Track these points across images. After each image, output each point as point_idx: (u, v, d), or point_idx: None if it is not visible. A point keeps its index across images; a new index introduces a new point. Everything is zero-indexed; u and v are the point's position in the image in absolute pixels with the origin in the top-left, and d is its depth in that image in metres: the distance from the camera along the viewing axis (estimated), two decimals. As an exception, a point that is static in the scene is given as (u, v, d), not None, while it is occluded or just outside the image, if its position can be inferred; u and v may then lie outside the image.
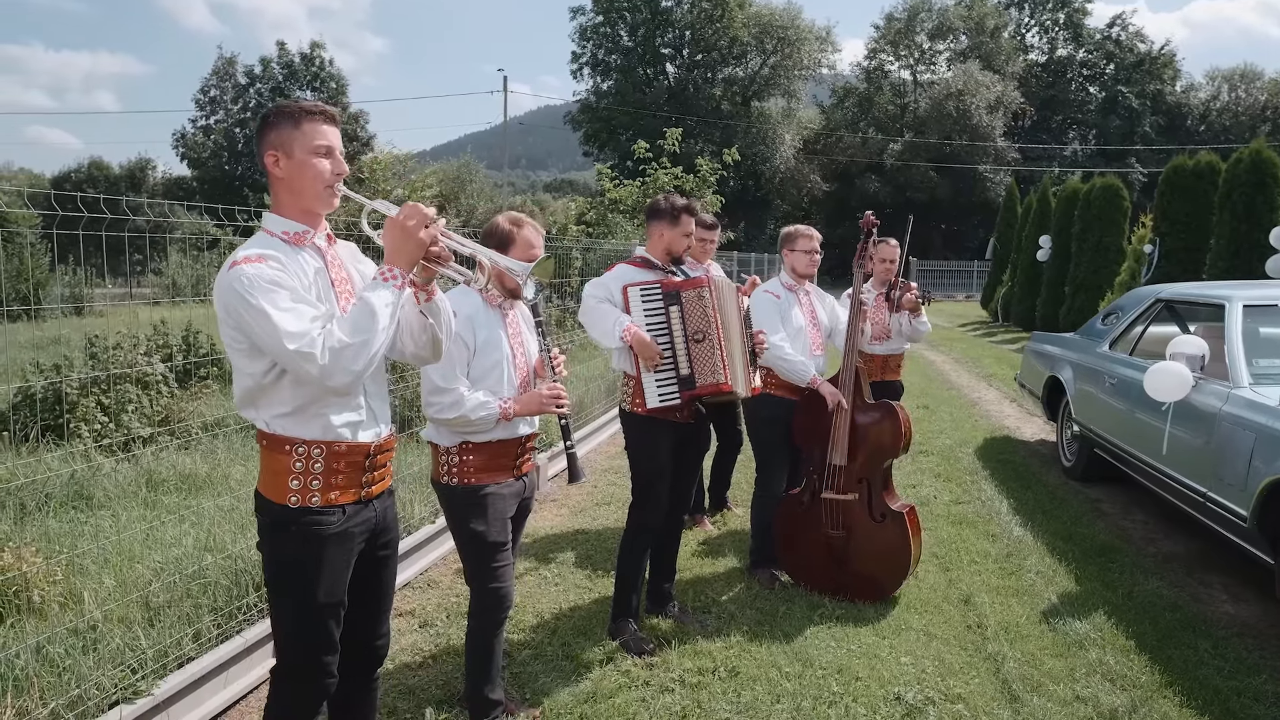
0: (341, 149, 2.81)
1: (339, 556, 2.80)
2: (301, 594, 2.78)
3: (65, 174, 55.80)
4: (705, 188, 23.70)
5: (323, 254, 2.83)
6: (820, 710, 4.07)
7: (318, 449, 2.74)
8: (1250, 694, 4.26)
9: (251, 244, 2.71)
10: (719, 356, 4.46)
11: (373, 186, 15.31)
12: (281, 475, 2.74)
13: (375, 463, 2.89)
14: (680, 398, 4.46)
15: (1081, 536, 6.51)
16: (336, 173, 2.77)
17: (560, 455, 8.40)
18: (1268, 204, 13.10)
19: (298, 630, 2.83)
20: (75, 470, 6.31)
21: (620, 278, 4.65)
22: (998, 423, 11.10)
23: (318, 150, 2.73)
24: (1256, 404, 5.19)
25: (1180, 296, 7.21)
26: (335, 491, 2.78)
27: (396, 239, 2.67)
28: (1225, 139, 50.29)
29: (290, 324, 2.54)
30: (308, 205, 2.78)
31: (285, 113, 2.74)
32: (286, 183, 2.75)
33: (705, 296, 4.52)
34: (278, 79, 57.51)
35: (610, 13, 59.01)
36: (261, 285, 2.55)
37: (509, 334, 3.79)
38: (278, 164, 2.73)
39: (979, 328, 25.97)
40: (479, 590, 3.80)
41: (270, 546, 2.80)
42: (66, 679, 3.54)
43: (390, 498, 3.05)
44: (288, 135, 2.71)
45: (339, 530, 2.79)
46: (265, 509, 2.79)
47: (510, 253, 3.69)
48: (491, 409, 3.57)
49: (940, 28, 62.78)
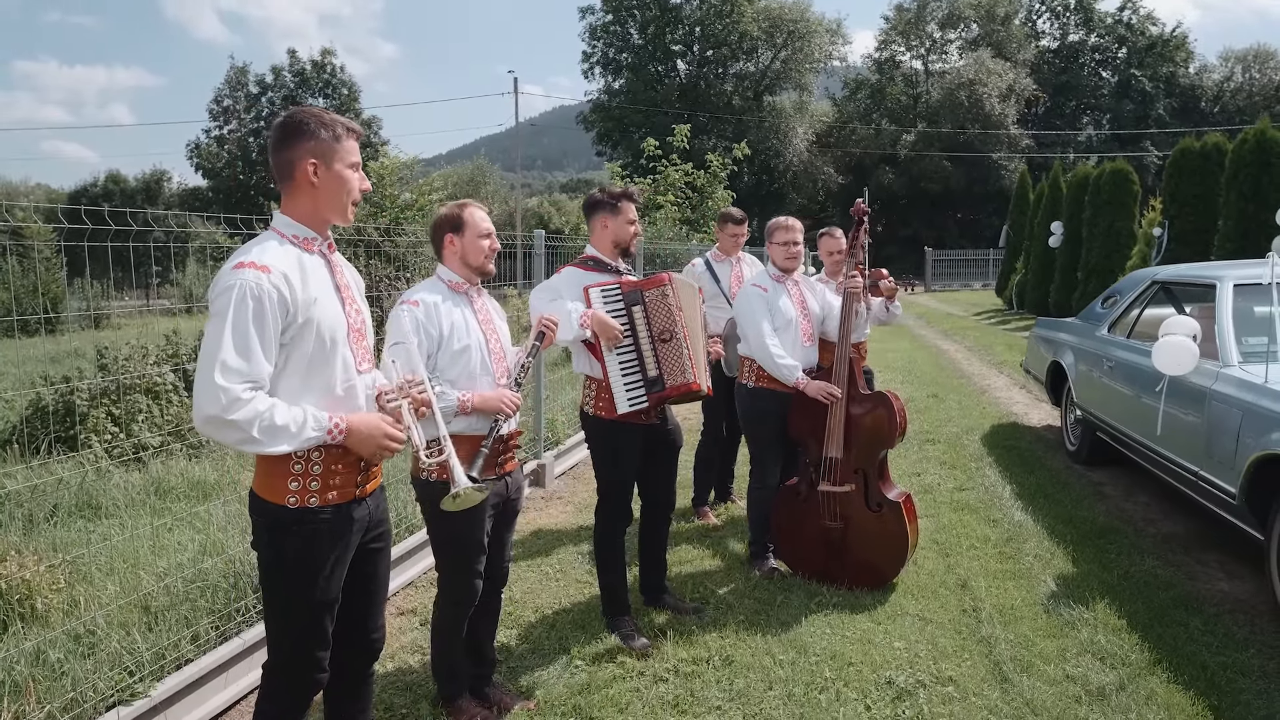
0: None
1: (337, 554, 2.87)
2: (301, 592, 2.83)
3: (82, 188, 56.12)
4: (717, 183, 23.74)
5: (328, 260, 2.93)
6: (812, 696, 4.12)
7: (317, 451, 2.79)
8: (1237, 669, 4.29)
9: (266, 246, 2.77)
10: (686, 355, 4.39)
11: (381, 192, 15.40)
12: (280, 477, 2.79)
13: (370, 461, 2.94)
14: (649, 400, 4.39)
15: (1081, 519, 6.53)
16: (362, 189, 2.92)
17: (566, 453, 8.48)
18: (1273, 183, 13.03)
19: (294, 627, 2.89)
20: (85, 478, 6.41)
21: (572, 280, 4.54)
22: (1005, 409, 11.09)
23: (353, 165, 2.87)
24: (1245, 382, 5.21)
25: (1175, 278, 7.23)
26: (333, 492, 2.84)
27: (364, 445, 2.81)
28: (1240, 120, 49.78)
29: (234, 361, 2.60)
30: (327, 215, 2.88)
31: (326, 125, 2.82)
32: (319, 191, 2.83)
33: (668, 295, 4.44)
34: (290, 87, 57.71)
35: (620, 11, 58.97)
36: (249, 305, 2.62)
37: (479, 319, 3.82)
38: (315, 173, 2.80)
39: (993, 315, 25.87)
40: (450, 584, 3.87)
41: (269, 547, 2.85)
42: (64, 683, 3.62)
43: (381, 493, 3.12)
44: (329, 147, 2.81)
45: (337, 529, 2.85)
46: (262, 510, 2.83)
47: (464, 233, 3.78)
48: (450, 401, 3.60)
49: (951, 16, 62.44)
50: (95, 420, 7.41)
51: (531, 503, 7.28)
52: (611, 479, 4.65)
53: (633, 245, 4.66)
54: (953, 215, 58.43)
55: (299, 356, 2.75)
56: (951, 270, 46.97)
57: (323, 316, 2.78)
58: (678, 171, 22.46)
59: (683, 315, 4.46)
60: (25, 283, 20.67)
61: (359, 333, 2.96)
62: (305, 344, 2.75)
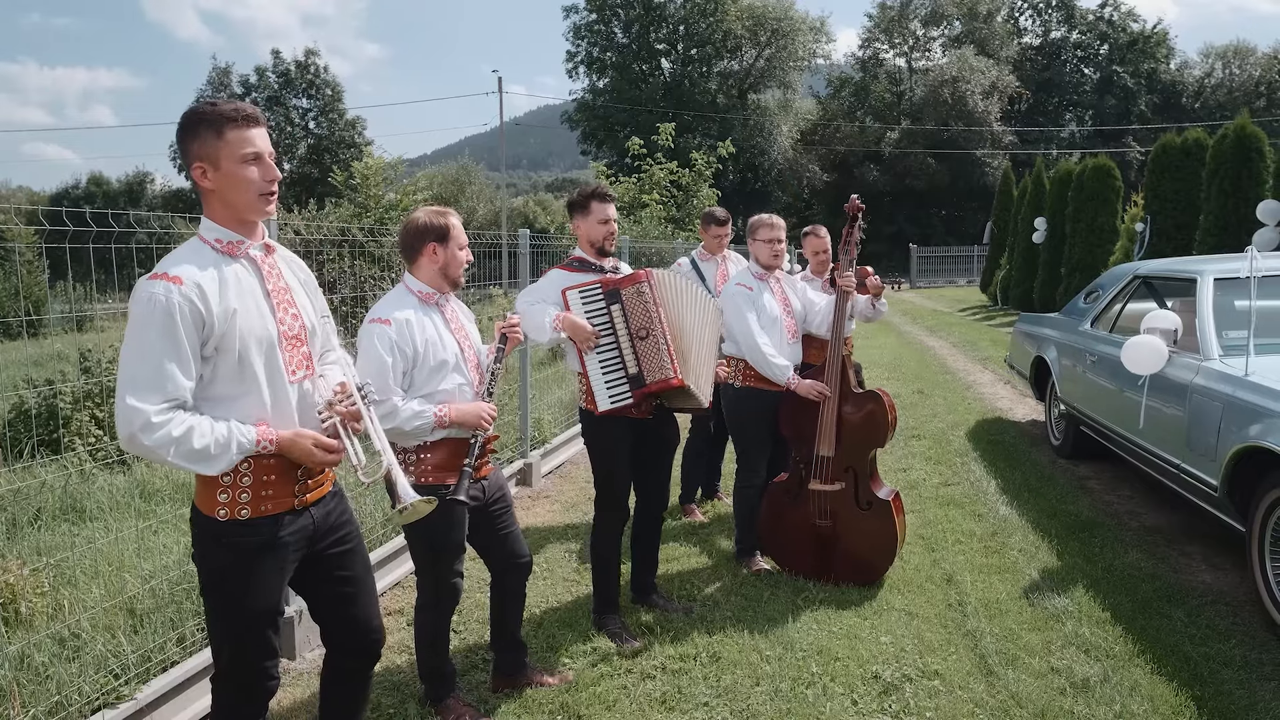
0: (271, 152, 2.73)
1: (270, 567, 2.77)
2: (232, 604, 2.76)
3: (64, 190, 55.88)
4: (702, 181, 23.76)
5: (258, 264, 2.77)
6: (798, 691, 4.13)
7: (245, 463, 2.69)
8: (1220, 659, 4.33)
9: (184, 255, 2.65)
10: (665, 351, 4.41)
11: (365, 192, 15.37)
12: (211, 488, 2.70)
13: (308, 471, 2.84)
14: (633, 397, 4.42)
15: (1066, 513, 6.57)
16: (268, 179, 2.69)
17: (552, 452, 8.47)
18: (1253, 178, 13.12)
19: (231, 638, 2.82)
20: (69, 481, 6.38)
21: (555, 282, 4.58)
22: (991, 405, 11.14)
23: (246, 158, 2.65)
24: (1225, 375, 5.24)
25: (1156, 272, 7.27)
26: (266, 503, 2.74)
27: (299, 454, 2.73)
28: (1221, 115, 50.08)
29: (145, 380, 2.52)
30: (241, 215, 2.71)
31: (205, 120, 2.63)
32: (218, 194, 2.67)
33: (645, 292, 4.48)
34: (274, 87, 57.62)
35: (603, 10, 58.92)
36: (159, 320, 2.51)
37: (452, 328, 3.80)
38: (205, 176, 2.65)
39: (978, 312, 25.97)
40: (432, 585, 3.89)
41: (201, 559, 2.78)
42: (49, 686, 3.61)
43: (334, 500, 3.00)
44: (212, 146, 2.62)
45: (267, 540, 2.75)
46: (197, 521, 2.76)
47: (449, 244, 3.74)
48: (426, 418, 3.58)
49: (934, 14, 62.68)
50: (79, 423, 7.38)
51: (518, 501, 7.28)
52: (607, 468, 4.67)
53: (608, 244, 4.66)
54: (937, 212, 58.57)
55: (225, 366, 2.64)
56: (936, 267, 47.14)
57: (246, 326, 2.66)
58: (663, 170, 22.47)
59: (662, 311, 4.48)
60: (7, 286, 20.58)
61: (295, 339, 2.82)
62: (229, 355, 2.63)
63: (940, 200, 58.26)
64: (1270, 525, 4.68)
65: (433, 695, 3.98)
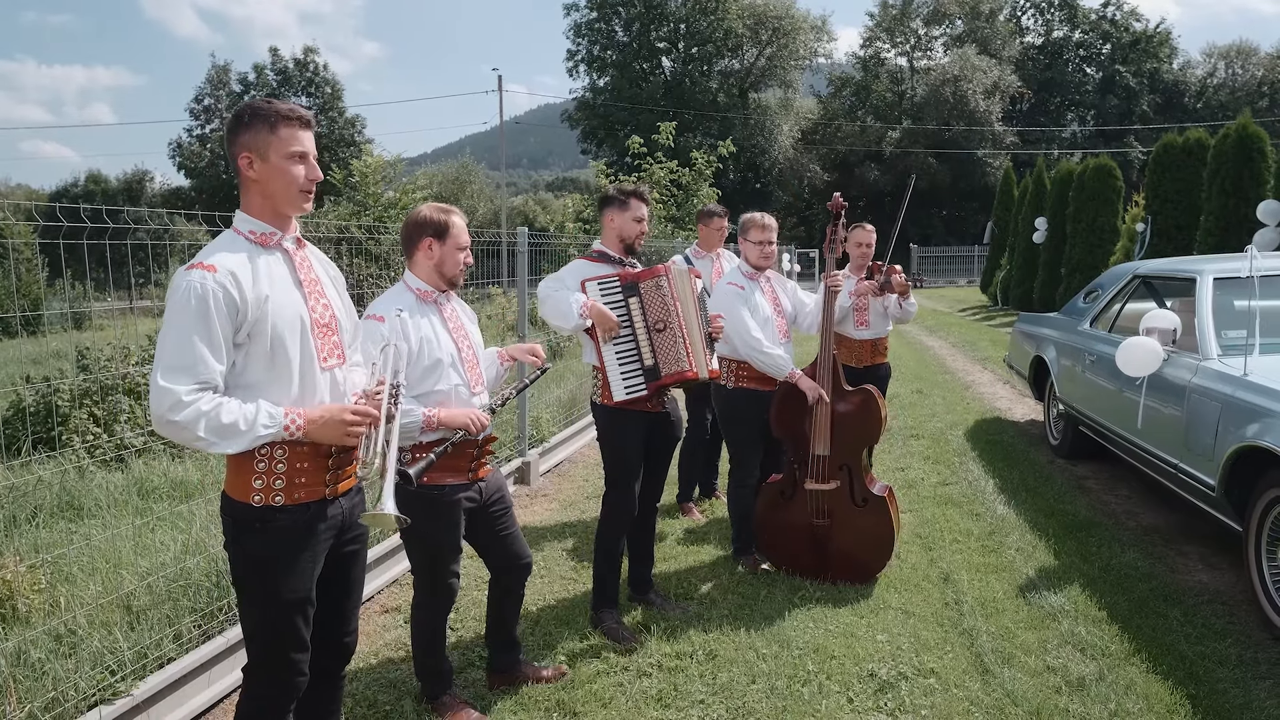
0: (315, 154, 2.84)
1: (305, 554, 2.82)
2: (268, 593, 2.79)
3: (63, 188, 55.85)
4: (701, 180, 23.72)
5: (290, 255, 2.85)
6: (794, 689, 4.13)
7: (280, 449, 2.74)
8: (1215, 658, 4.33)
9: (219, 245, 2.74)
10: (682, 344, 4.48)
11: (364, 191, 15.37)
12: (245, 475, 2.74)
13: (340, 460, 2.89)
14: (647, 389, 4.48)
15: (1063, 513, 6.57)
16: (310, 179, 2.81)
17: (550, 451, 8.47)
18: (1255, 178, 13.13)
19: (266, 629, 2.85)
20: (66, 478, 6.37)
21: (576, 272, 4.63)
22: (989, 404, 11.14)
23: (292, 156, 2.76)
24: (1223, 374, 5.24)
25: (1156, 272, 7.26)
26: (300, 491, 2.79)
27: (326, 434, 2.77)
28: (1223, 115, 50.09)
29: (177, 362, 2.58)
30: (279, 208, 2.81)
31: (260, 115, 2.74)
32: (260, 185, 2.77)
33: (664, 285, 4.54)
34: (273, 86, 57.59)
35: (604, 8, 58.81)
36: (193, 306, 2.58)
37: (450, 328, 3.79)
38: (251, 166, 2.75)
39: (978, 312, 25.97)
40: (429, 585, 3.89)
41: (236, 546, 2.81)
42: (45, 682, 3.60)
43: (358, 495, 3.07)
44: (263, 139, 2.73)
45: (304, 528, 2.80)
46: (230, 509, 2.79)
47: (445, 242, 3.74)
48: (415, 417, 3.57)
49: (936, 13, 62.58)
50: (77, 421, 7.38)
51: (516, 500, 7.27)
52: (621, 461, 4.68)
53: (638, 242, 4.72)
54: (938, 212, 58.51)
55: (256, 353, 2.71)
56: (937, 266, 47.19)
57: (278, 311, 2.73)
58: (663, 169, 22.43)
59: (679, 305, 4.55)
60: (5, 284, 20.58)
61: (326, 327, 2.89)
62: (262, 340, 2.70)
63: (941, 200, 58.18)
64: (1267, 525, 4.69)
65: (429, 693, 3.99)
